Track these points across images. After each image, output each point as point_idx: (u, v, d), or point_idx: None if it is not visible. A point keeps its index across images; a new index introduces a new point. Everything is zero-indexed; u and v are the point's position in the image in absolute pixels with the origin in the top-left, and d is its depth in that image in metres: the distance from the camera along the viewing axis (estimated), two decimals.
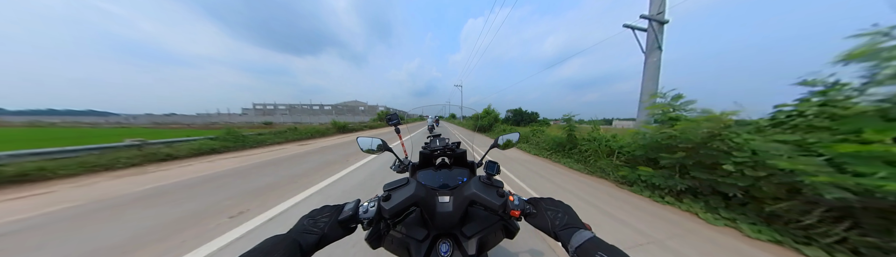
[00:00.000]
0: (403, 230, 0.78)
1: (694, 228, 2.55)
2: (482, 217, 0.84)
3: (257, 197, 3.33)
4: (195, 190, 3.67)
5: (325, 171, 4.86)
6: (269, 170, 4.99)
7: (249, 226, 2.41)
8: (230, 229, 2.35)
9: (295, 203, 3.09)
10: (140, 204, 3.06)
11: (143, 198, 3.28)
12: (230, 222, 2.52)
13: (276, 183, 4.03)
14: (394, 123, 1.34)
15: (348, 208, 0.73)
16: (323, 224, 0.66)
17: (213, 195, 3.41)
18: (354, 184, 3.97)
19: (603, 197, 3.55)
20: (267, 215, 2.69)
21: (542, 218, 0.70)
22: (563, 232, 0.63)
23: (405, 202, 0.70)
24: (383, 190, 0.78)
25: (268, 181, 4.14)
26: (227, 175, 4.62)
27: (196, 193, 3.50)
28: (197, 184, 3.96)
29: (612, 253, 0.52)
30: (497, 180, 0.82)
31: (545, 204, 0.75)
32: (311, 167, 5.30)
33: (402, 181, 0.80)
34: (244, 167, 5.36)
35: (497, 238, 0.85)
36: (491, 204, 0.71)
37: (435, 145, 1.11)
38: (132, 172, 4.90)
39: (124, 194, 3.48)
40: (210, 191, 3.62)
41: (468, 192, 0.75)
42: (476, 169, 1.09)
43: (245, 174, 4.69)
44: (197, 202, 3.13)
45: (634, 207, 3.13)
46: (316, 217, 0.70)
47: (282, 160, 6.27)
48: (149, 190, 3.68)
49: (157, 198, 3.28)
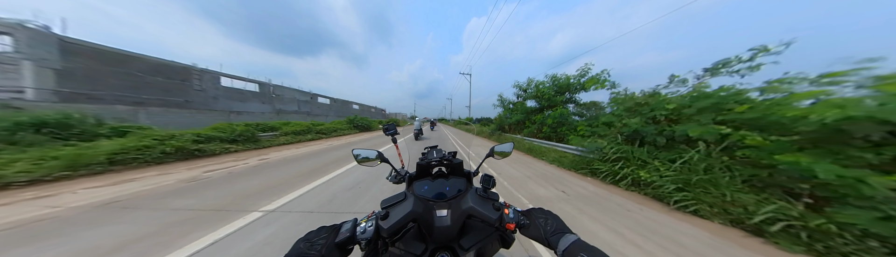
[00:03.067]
0: (401, 246, 0.79)
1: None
2: (479, 228, 0.86)
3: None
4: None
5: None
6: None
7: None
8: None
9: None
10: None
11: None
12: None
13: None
14: (391, 133, 1.33)
15: (345, 229, 0.73)
16: (320, 246, 0.66)
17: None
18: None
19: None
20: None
21: (536, 227, 0.73)
22: (553, 238, 0.67)
23: (404, 219, 0.71)
24: (381, 207, 0.79)
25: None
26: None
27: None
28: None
29: (593, 253, 0.58)
30: (493, 193, 0.84)
31: (536, 213, 0.79)
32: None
33: (399, 197, 0.81)
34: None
35: (494, 248, 0.87)
36: (488, 218, 0.73)
37: (432, 157, 1.12)
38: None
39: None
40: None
41: (465, 206, 0.77)
42: (472, 178, 1.12)
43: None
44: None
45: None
46: (312, 239, 0.69)
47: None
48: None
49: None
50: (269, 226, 2.63)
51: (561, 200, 3.62)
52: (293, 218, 2.86)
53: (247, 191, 3.87)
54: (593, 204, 3.47)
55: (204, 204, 3.27)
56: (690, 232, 2.58)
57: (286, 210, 3.10)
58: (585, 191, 4.07)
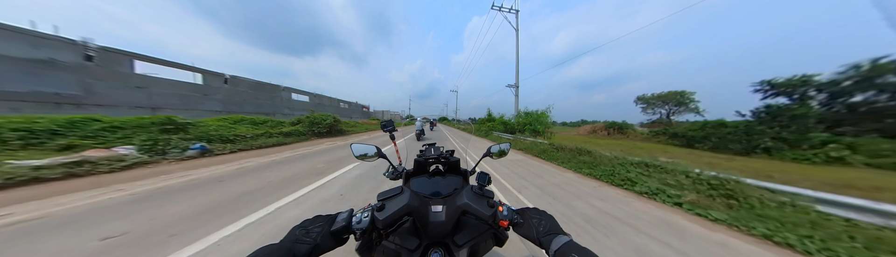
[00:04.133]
0: (395, 240, 0.78)
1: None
2: (473, 225, 0.86)
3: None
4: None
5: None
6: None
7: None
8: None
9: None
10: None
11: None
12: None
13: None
14: (389, 130, 1.34)
15: (341, 218, 0.73)
16: (315, 234, 0.66)
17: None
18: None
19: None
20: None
21: (529, 226, 0.74)
22: (545, 239, 0.67)
23: (399, 212, 0.70)
24: (377, 199, 0.78)
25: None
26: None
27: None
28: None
29: (584, 254, 0.59)
30: (488, 190, 0.86)
31: (530, 213, 0.80)
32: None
33: (396, 190, 0.80)
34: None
35: (487, 246, 0.87)
36: (481, 214, 0.74)
37: (430, 153, 1.13)
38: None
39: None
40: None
41: (460, 202, 0.77)
42: (469, 177, 1.13)
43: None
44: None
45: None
46: (308, 227, 0.69)
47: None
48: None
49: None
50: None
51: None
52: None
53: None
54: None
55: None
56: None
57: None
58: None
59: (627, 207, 3.40)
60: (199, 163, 5.87)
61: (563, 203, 3.51)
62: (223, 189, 3.81)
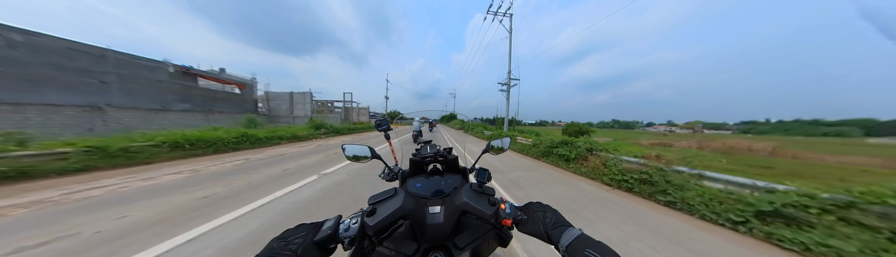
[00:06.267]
0: (391, 245, 0.72)
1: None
2: (474, 226, 0.80)
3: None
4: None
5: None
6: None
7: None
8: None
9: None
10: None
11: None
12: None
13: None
14: (383, 129, 1.28)
15: (327, 227, 0.65)
16: (296, 245, 0.57)
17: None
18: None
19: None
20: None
21: (534, 222, 0.68)
22: (553, 232, 0.62)
23: (391, 216, 0.64)
24: (368, 202, 0.72)
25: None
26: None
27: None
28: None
29: (599, 249, 0.54)
30: (488, 187, 0.80)
31: (534, 207, 0.75)
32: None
33: (388, 192, 0.75)
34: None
35: (491, 247, 0.82)
36: (483, 213, 0.68)
37: (426, 152, 1.07)
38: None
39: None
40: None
41: (459, 202, 0.72)
42: (468, 175, 1.08)
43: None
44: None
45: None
46: (288, 238, 0.60)
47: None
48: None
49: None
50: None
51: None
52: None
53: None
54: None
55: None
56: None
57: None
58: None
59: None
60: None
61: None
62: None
